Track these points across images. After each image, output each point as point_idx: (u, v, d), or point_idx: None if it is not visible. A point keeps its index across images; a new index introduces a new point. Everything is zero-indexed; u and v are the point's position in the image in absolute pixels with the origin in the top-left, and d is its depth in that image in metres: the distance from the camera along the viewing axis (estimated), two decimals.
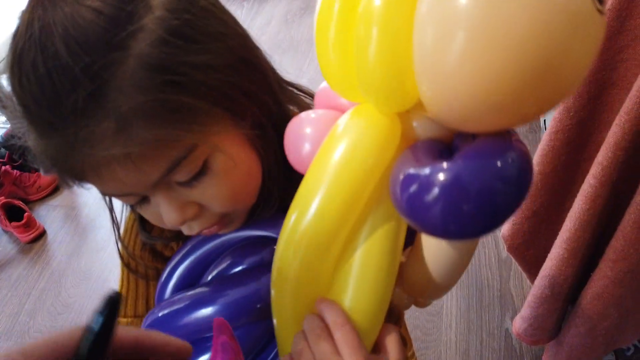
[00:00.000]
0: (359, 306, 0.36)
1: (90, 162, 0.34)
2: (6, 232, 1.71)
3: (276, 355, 0.45)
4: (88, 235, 1.66)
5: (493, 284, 1.29)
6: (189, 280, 0.47)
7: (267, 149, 0.42)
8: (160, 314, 0.45)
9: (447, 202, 0.28)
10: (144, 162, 0.35)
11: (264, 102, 0.41)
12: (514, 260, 1.34)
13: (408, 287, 0.44)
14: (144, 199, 0.40)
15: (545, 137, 0.87)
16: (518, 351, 1.17)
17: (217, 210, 0.41)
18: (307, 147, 0.37)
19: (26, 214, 1.63)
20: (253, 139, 0.41)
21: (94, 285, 1.51)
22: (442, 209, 0.29)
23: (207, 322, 0.42)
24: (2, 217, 1.65)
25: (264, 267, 0.43)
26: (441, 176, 0.28)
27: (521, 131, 1.62)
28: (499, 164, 0.28)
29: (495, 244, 1.36)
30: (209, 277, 0.46)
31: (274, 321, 0.40)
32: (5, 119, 1.89)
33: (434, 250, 0.39)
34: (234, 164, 0.39)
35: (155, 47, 0.32)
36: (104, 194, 0.40)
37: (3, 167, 1.74)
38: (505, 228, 1.02)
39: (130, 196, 0.39)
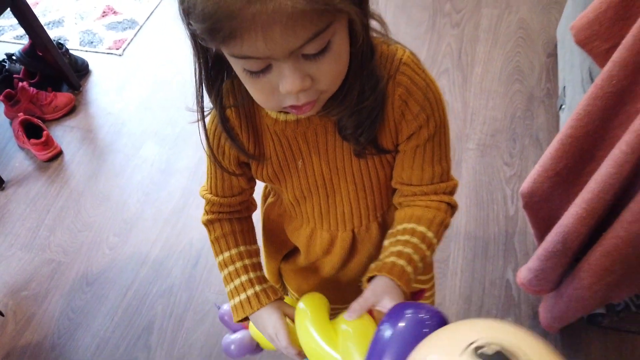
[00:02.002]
0: None
1: (260, 17, 0.39)
2: (23, 149, 1.72)
3: None
4: (106, 158, 1.68)
5: (499, 238, 1.37)
6: None
7: (355, 44, 0.49)
8: None
9: None
10: (297, 27, 0.41)
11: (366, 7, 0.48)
12: (520, 218, 1.42)
13: None
14: (268, 67, 0.45)
15: (582, 102, 0.91)
16: (516, 299, 1.26)
17: (322, 87, 0.48)
18: None
19: (45, 132, 1.65)
20: (351, 33, 0.48)
21: (114, 206, 1.55)
22: None
23: None
24: (21, 133, 1.66)
25: None
26: None
27: (539, 96, 1.66)
28: None
29: (504, 202, 1.43)
30: None
31: None
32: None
33: None
34: (344, 49, 0.47)
35: None
36: (242, 56, 0.44)
37: (20, 84, 1.73)
38: (525, 186, 1.08)
39: (264, 60, 0.44)
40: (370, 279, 0.58)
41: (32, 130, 1.68)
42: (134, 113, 1.81)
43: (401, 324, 0.46)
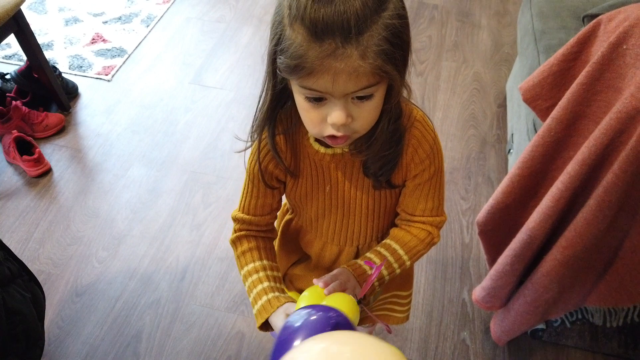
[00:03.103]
0: None
1: (333, 68, 0.55)
2: (10, 164, 1.78)
3: None
4: (95, 177, 1.77)
5: (456, 262, 1.56)
6: None
7: (388, 102, 0.65)
8: None
9: None
10: (358, 78, 0.56)
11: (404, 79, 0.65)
12: (474, 245, 1.62)
13: None
14: (324, 100, 0.60)
15: (527, 148, 1.12)
16: (471, 316, 1.44)
17: (356, 127, 0.63)
18: None
19: (37, 149, 1.72)
20: (388, 94, 0.63)
21: (102, 223, 1.64)
22: None
23: None
24: (13, 149, 1.73)
25: None
26: None
27: (490, 141, 1.90)
28: None
29: (460, 231, 1.63)
30: None
31: None
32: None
33: None
34: (380, 103, 0.63)
35: (394, 18, 0.56)
36: (310, 89, 0.58)
37: (14, 102, 1.80)
38: (480, 216, 1.27)
39: (323, 94, 0.59)
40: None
41: (23, 147, 1.75)
42: (122, 135, 1.91)
43: (312, 316, 0.59)
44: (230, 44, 2.32)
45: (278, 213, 0.89)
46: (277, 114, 0.71)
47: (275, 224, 0.92)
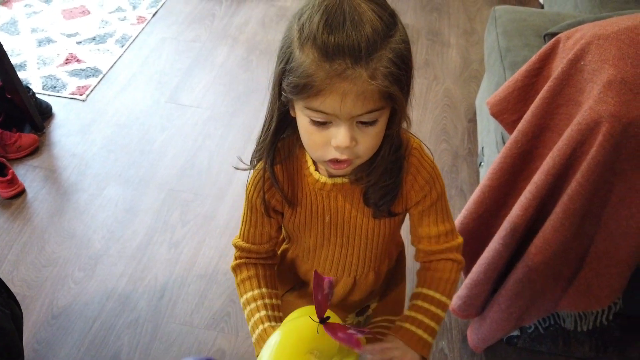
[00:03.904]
0: None
1: (342, 89, 0.56)
2: None
3: None
4: (70, 197, 1.75)
5: None
6: None
7: (390, 128, 0.65)
8: None
9: None
10: (365, 100, 0.58)
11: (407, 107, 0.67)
12: None
13: None
14: (329, 124, 0.61)
15: (496, 160, 1.17)
16: (449, 326, 1.47)
17: (359, 151, 0.63)
18: None
19: (10, 170, 1.70)
20: (390, 121, 0.65)
21: (78, 243, 1.62)
22: None
23: None
24: None
25: None
26: None
27: (462, 154, 1.96)
28: None
29: None
30: None
31: None
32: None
33: None
34: (382, 129, 0.64)
35: (400, 43, 0.59)
36: (316, 110, 0.59)
37: None
38: (456, 226, 1.31)
39: (330, 116, 0.59)
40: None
41: None
42: (97, 155, 1.90)
43: None
44: (205, 63, 2.34)
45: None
46: (277, 142, 0.71)
47: None
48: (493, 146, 1.54)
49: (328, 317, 0.66)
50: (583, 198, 0.99)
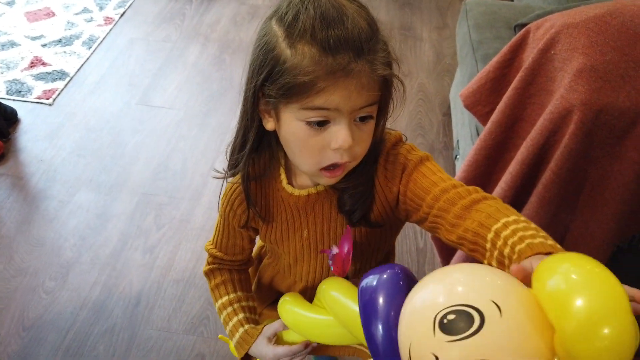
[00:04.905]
0: None
1: (349, 80, 0.55)
2: None
3: None
4: (39, 205, 1.70)
5: (412, 267, 1.59)
6: None
7: (377, 125, 0.64)
8: None
9: None
10: (368, 92, 0.57)
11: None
12: (428, 250, 1.66)
13: None
14: (326, 123, 0.58)
15: (471, 151, 1.17)
16: None
17: (357, 154, 0.62)
18: None
19: None
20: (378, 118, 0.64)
21: (49, 251, 1.57)
22: None
23: None
24: None
25: None
26: None
27: (438, 148, 1.97)
28: None
29: (415, 237, 1.67)
30: None
31: None
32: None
33: None
34: (373, 127, 0.63)
35: (386, 43, 0.60)
36: (316, 107, 0.57)
37: None
38: None
39: (330, 113, 0.57)
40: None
41: None
42: (66, 160, 1.85)
43: (384, 275, 0.52)
44: (177, 63, 2.29)
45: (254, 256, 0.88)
46: (252, 158, 0.67)
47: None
48: (468, 139, 1.54)
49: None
50: (557, 186, 0.99)
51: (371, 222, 0.71)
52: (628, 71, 0.92)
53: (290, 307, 0.73)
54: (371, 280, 0.53)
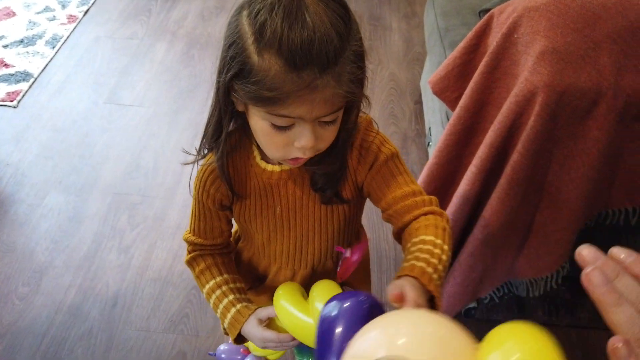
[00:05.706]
0: None
1: (314, 95, 0.56)
2: None
3: None
4: (8, 209, 1.65)
5: (390, 254, 1.61)
6: None
7: (347, 117, 0.66)
8: None
9: None
10: (332, 103, 0.58)
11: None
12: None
13: None
14: (292, 126, 0.60)
15: (442, 137, 1.19)
16: None
17: (320, 147, 0.64)
18: None
19: None
20: (347, 111, 0.65)
21: (20, 257, 1.53)
22: None
23: None
24: None
25: None
26: None
27: (411, 136, 1.99)
28: None
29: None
30: None
31: None
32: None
33: None
34: (340, 121, 0.64)
35: (357, 41, 0.59)
36: (281, 115, 0.58)
37: None
38: None
39: (295, 120, 0.59)
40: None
41: None
42: (34, 163, 1.80)
43: (345, 304, 0.54)
44: (144, 60, 2.26)
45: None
46: (227, 135, 0.68)
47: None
48: (439, 125, 1.56)
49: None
50: (525, 167, 1.01)
51: (342, 199, 0.73)
52: (588, 52, 0.94)
53: (282, 302, 0.73)
54: (332, 308, 0.54)
